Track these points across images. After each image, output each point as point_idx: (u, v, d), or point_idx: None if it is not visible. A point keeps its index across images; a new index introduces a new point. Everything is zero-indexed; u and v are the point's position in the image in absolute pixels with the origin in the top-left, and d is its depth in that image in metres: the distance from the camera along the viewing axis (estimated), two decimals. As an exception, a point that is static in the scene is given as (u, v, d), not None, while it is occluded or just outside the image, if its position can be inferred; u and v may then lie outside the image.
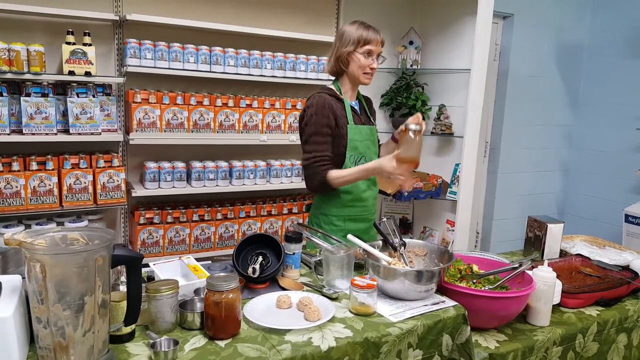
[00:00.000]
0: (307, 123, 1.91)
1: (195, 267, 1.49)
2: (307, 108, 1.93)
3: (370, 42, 1.90)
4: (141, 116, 2.65)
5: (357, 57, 1.92)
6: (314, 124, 1.89)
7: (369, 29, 1.92)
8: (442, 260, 1.60)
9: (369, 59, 1.92)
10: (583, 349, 1.60)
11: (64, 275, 0.96)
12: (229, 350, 1.14)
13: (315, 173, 1.89)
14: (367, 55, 1.92)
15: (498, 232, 4.28)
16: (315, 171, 1.89)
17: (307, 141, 1.92)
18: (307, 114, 1.92)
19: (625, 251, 2.14)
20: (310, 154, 1.90)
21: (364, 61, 1.92)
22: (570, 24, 4.28)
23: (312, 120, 1.89)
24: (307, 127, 1.92)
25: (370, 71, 1.95)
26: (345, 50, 1.91)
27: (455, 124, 3.37)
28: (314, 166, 1.89)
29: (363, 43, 1.90)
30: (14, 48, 2.34)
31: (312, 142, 1.90)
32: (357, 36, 1.90)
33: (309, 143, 1.91)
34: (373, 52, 1.92)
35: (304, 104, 3.04)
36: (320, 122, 1.88)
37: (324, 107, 1.89)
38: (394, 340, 1.26)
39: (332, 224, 2.00)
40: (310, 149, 1.91)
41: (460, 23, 3.31)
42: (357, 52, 1.91)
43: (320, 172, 1.88)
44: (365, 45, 1.90)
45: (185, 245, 2.90)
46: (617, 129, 4.17)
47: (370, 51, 1.91)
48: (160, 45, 2.69)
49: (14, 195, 2.42)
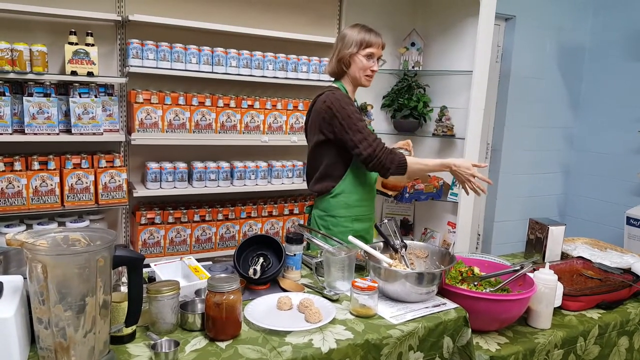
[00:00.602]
0: (344, 116, 1.86)
1: (196, 268, 1.49)
2: (332, 104, 1.87)
3: (372, 45, 1.92)
4: (143, 116, 2.66)
5: (359, 59, 1.93)
6: (353, 114, 1.87)
7: (371, 33, 1.94)
8: (443, 262, 1.60)
9: (370, 62, 1.94)
10: (584, 352, 1.60)
11: (65, 275, 0.96)
12: (229, 351, 1.14)
13: (391, 153, 1.88)
14: (368, 58, 1.93)
15: (499, 234, 4.28)
16: (390, 151, 1.88)
17: (357, 130, 1.86)
18: (335, 108, 1.86)
19: (627, 254, 2.14)
20: (368, 140, 1.86)
21: (366, 63, 1.93)
22: (572, 25, 4.28)
23: (348, 111, 1.86)
24: (345, 119, 1.85)
25: (370, 73, 1.97)
26: (348, 52, 1.93)
27: (456, 126, 3.36)
28: (384, 150, 1.88)
29: (365, 45, 1.92)
30: (17, 48, 2.35)
31: (363, 129, 1.87)
32: (359, 39, 1.91)
33: (360, 131, 1.86)
34: (374, 55, 1.95)
35: (306, 105, 3.09)
36: (355, 110, 1.90)
37: (348, 99, 1.92)
38: (394, 343, 1.26)
39: (340, 225, 1.99)
40: (366, 136, 1.86)
41: (462, 25, 3.31)
42: (359, 54, 1.92)
43: (395, 152, 1.89)
44: (367, 47, 1.92)
45: (186, 246, 2.90)
46: (618, 131, 4.17)
47: (372, 54, 1.94)
48: (162, 46, 2.69)
49: (16, 195, 2.42)
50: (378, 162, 1.86)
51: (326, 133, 1.92)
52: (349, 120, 1.86)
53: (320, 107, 1.92)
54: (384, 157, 1.87)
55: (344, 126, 1.86)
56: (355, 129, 1.86)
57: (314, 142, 1.98)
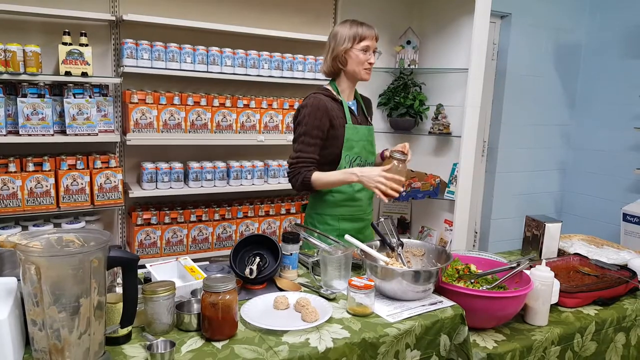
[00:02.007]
0: (300, 123, 1.92)
1: (192, 268, 1.48)
2: (301, 108, 1.93)
3: (365, 37, 1.92)
4: (138, 117, 2.65)
5: (355, 53, 1.92)
6: (306, 125, 1.89)
7: (363, 25, 1.93)
8: (440, 260, 1.60)
9: (367, 55, 1.94)
10: (581, 349, 1.60)
11: (59, 277, 0.95)
12: (225, 351, 1.13)
13: (298, 174, 1.90)
14: (364, 52, 1.93)
15: (496, 232, 4.29)
16: (299, 172, 1.89)
17: (296, 140, 1.93)
18: (300, 114, 1.92)
19: (623, 250, 2.14)
20: (296, 153, 1.91)
21: (362, 57, 1.93)
22: (568, 23, 4.29)
23: (305, 120, 1.89)
24: (299, 126, 1.92)
25: (368, 67, 1.96)
26: (342, 48, 1.92)
27: (453, 124, 3.36)
28: (299, 167, 1.90)
29: (359, 39, 1.91)
30: (10, 49, 2.33)
31: (301, 142, 1.91)
32: (352, 33, 1.91)
33: (297, 142, 1.92)
34: (370, 48, 1.94)
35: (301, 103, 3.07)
36: (313, 123, 1.88)
37: (317, 109, 1.89)
38: (391, 341, 1.26)
39: (326, 223, 1.99)
40: (297, 149, 1.91)
41: (457, 22, 3.31)
42: (354, 48, 1.92)
43: (303, 172, 1.89)
44: (362, 41, 1.91)
45: (182, 246, 2.89)
46: (614, 128, 4.18)
47: (367, 47, 1.93)
48: (157, 46, 2.68)
49: (11, 197, 2.41)
50: (289, 173, 1.95)
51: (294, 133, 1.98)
52: (299, 128, 1.91)
53: (298, 107, 1.97)
54: (291, 173, 1.92)
55: (296, 132, 1.94)
56: (299, 140, 1.91)
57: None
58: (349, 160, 1.95)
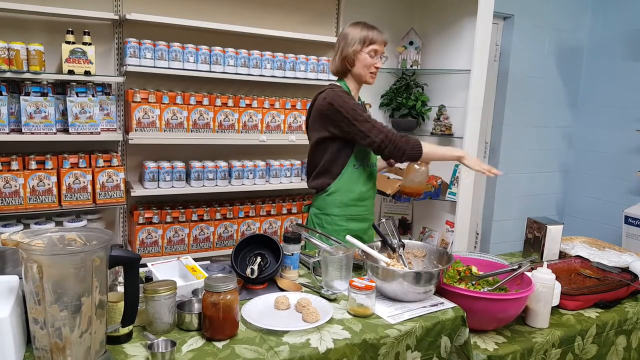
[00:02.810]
0: (348, 110, 1.86)
1: (194, 268, 1.49)
2: (333, 100, 1.87)
3: (375, 41, 1.93)
4: (140, 116, 2.65)
5: (363, 56, 1.94)
6: (355, 107, 1.88)
7: (373, 30, 1.95)
8: (441, 261, 1.60)
9: (374, 59, 1.95)
10: (582, 351, 1.60)
11: (61, 276, 0.96)
12: (226, 351, 1.13)
13: (405, 136, 1.87)
14: (372, 55, 1.94)
15: (497, 233, 4.28)
16: (403, 135, 1.87)
17: (364, 120, 1.86)
18: (337, 104, 1.86)
19: (625, 253, 2.14)
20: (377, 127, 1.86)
21: (370, 60, 1.94)
22: (571, 25, 4.28)
23: (351, 104, 1.87)
24: (350, 112, 1.85)
25: (374, 70, 1.98)
26: (352, 49, 1.93)
27: (455, 125, 3.36)
28: (395, 134, 1.87)
29: (369, 43, 1.93)
30: (14, 47, 2.34)
31: (369, 119, 1.88)
32: (362, 36, 1.92)
33: (367, 120, 1.87)
34: (378, 52, 1.95)
35: (304, 104, 3.09)
36: (357, 104, 1.90)
37: (347, 95, 1.92)
38: (392, 342, 1.26)
39: (335, 224, 1.99)
40: (374, 124, 1.87)
41: (460, 23, 3.30)
42: (363, 51, 1.93)
43: (409, 136, 1.89)
44: (371, 44, 1.93)
45: (184, 245, 2.89)
46: (617, 130, 4.17)
47: (376, 51, 1.94)
48: (160, 45, 2.68)
49: (13, 195, 2.41)
50: (393, 145, 1.86)
51: (331, 129, 1.91)
52: (353, 112, 1.86)
53: (321, 104, 1.92)
54: (398, 139, 1.86)
55: (349, 119, 1.86)
56: (362, 119, 1.86)
57: (316, 139, 1.98)
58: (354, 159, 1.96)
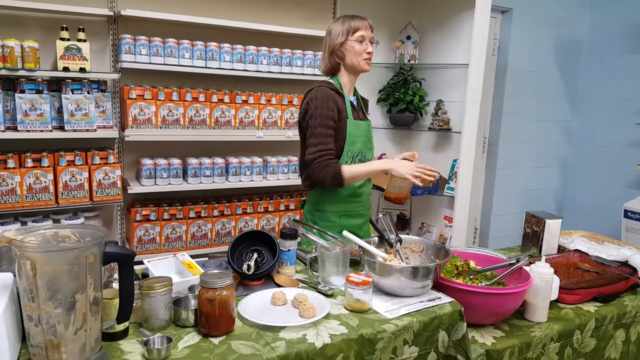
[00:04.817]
0: (312, 116, 1.87)
1: (190, 264, 1.48)
2: (310, 101, 1.89)
3: (359, 28, 1.92)
4: (136, 112, 2.64)
5: (351, 45, 1.92)
6: (320, 116, 1.86)
7: (355, 18, 1.93)
8: (439, 256, 1.59)
9: (363, 45, 1.93)
10: (581, 345, 1.60)
11: (54, 273, 0.95)
12: (222, 347, 1.13)
13: (326, 167, 1.84)
14: (360, 42, 1.92)
15: (496, 228, 4.28)
16: (326, 164, 1.84)
17: (313, 134, 1.87)
18: (311, 107, 1.88)
19: (624, 246, 2.13)
20: (316, 147, 1.85)
21: (359, 47, 1.92)
22: (570, 18, 4.26)
23: (318, 112, 1.86)
24: (312, 119, 1.87)
25: (367, 56, 1.95)
26: (338, 42, 1.92)
27: (453, 120, 3.35)
28: (324, 159, 1.84)
29: (353, 31, 1.91)
30: (8, 44, 2.32)
31: (319, 135, 1.85)
32: (345, 27, 1.92)
33: (315, 136, 1.86)
34: (365, 38, 1.93)
35: (300, 99, 3.07)
36: (326, 114, 1.86)
37: (328, 99, 1.87)
38: (389, 337, 1.25)
39: (327, 220, 1.99)
40: (316, 142, 1.86)
41: (458, 17, 3.29)
42: (349, 40, 1.92)
43: (332, 165, 1.85)
44: (356, 32, 1.92)
45: (181, 242, 2.89)
46: (616, 124, 4.16)
47: (362, 37, 1.93)
48: (155, 41, 2.67)
49: (10, 193, 2.40)
50: (312, 171, 1.86)
51: (304, 128, 1.95)
52: (314, 121, 1.87)
53: (304, 102, 1.94)
54: (318, 168, 1.84)
55: (309, 125, 1.89)
56: (314, 132, 1.86)
57: (301, 136, 2.01)
58: (350, 155, 1.94)
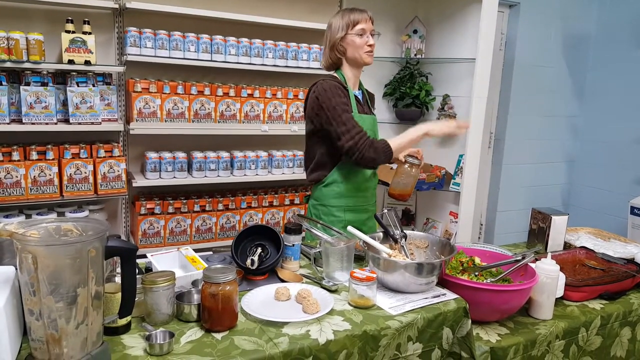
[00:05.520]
0: (329, 107, 1.83)
1: (194, 259, 1.47)
2: (319, 95, 1.85)
3: (359, 21, 1.90)
4: (142, 106, 2.63)
5: (352, 38, 1.90)
6: (337, 105, 1.83)
7: (354, 11, 1.92)
8: (444, 252, 1.58)
9: (364, 38, 1.91)
10: (586, 343, 1.58)
11: (56, 266, 0.94)
12: (225, 342, 1.12)
13: (372, 144, 1.81)
14: (360, 35, 1.90)
15: (502, 224, 4.25)
16: (370, 143, 1.81)
17: (339, 122, 1.82)
18: (322, 100, 1.84)
19: (631, 244, 2.11)
20: (350, 132, 1.81)
21: (360, 41, 1.90)
22: (577, 13, 4.21)
23: (334, 102, 1.83)
24: (330, 111, 1.83)
25: (369, 49, 1.93)
26: (338, 36, 1.91)
27: (459, 115, 3.32)
28: (366, 140, 1.81)
29: (353, 24, 1.90)
30: (13, 36, 2.32)
31: (347, 120, 1.82)
32: (345, 21, 1.90)
33: (342, 123, 1.82)
34: (365, 30, 1.91)
35: (305, 93, 3.04)
36: (342, 101, 1.85)
37: (337, 89, 1.87)
38: (393, 334, 1.24)
39: (331, 214, 1.98)
40: (348, 127, 1.81)
41: (465, 12, 3.25)
42: (349, 34, 1.90)
43: (375, 142, 1.83)
44: (356, 25, 1.90)
45: (186, 236, 2.89)
46: (623, 120, 4.12)
47: (363, 30, 1.91)
48: (160, 34, 2.66)
49: (14, 185, 2.41)
50: (360, 154, 1.81)
51: (315, 123, 1.92)
52: (333, 111, 1.83)
53: (311, 96, 1.92)
54: (366, 150, 1.80)
55: (329, 117, 1.84)
56: (340, 120, 1.83)
57: (308, 131, 1.99)
58: None
